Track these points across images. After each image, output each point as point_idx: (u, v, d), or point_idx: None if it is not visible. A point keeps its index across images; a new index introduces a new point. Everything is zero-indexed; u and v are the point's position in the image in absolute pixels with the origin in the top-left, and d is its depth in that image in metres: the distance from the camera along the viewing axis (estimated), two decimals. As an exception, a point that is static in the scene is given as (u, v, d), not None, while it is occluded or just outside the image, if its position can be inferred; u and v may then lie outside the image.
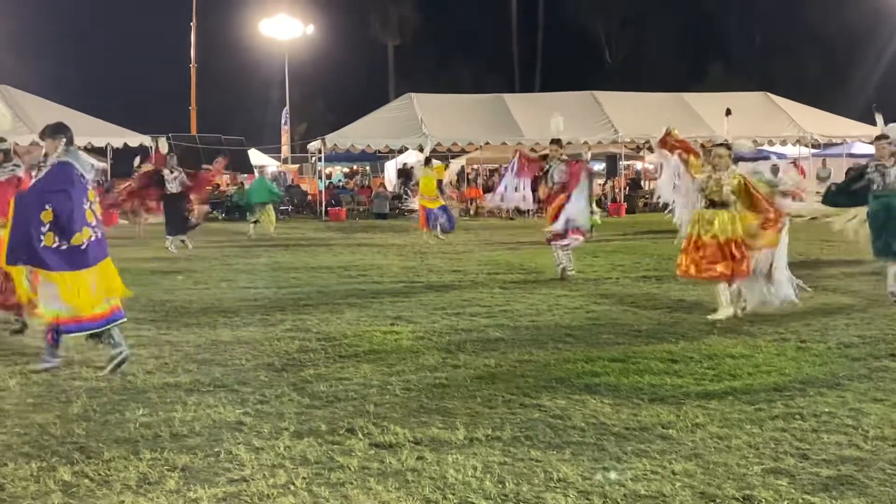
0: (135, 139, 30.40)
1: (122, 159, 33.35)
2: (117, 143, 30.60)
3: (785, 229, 8.69)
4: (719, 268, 8.54)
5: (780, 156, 39.26)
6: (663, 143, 9.25)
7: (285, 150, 43.18)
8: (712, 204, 8.70)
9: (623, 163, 35.37)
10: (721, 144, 8.98)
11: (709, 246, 8.60)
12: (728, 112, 9.87)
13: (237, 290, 11.34)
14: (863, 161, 26.26)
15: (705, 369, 6.48)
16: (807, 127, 32.90)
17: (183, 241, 17.27)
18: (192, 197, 17.44)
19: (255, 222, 22.34)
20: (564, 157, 12.47)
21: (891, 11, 43.72)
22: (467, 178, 36.65)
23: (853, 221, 10.44)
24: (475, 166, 38.10)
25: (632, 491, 4.09)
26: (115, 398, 5.84)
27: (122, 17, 55.64)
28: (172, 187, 17.00)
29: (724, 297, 8.71)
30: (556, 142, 12.51)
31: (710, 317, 8.57)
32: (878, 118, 10.49)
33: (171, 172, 17.07)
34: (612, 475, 4.27)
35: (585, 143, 27.88)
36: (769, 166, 25.93)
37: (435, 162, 21.86)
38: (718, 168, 8.77)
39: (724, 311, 8.62)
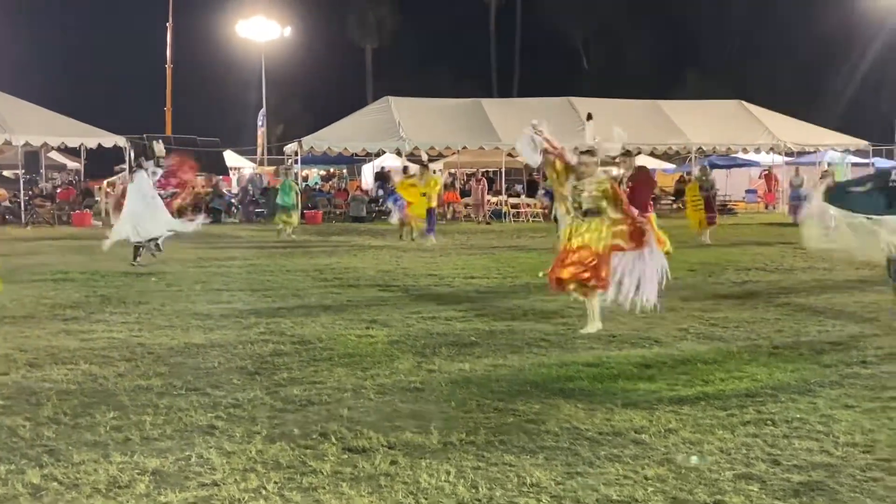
0: (109, 140, 30.15)
1: (96, 160, 33.16)
2: (91, 143, 30.33)
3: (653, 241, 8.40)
4: (581, 273, 8.15)
5: (754, 163, 39.65)
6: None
7: (261, 151, 43.01)
8: (583, 213, 8.30)
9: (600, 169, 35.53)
10: (586, 151, 8.53)
11: (574, 254, 8.21)
12: (589, 116, 9.38)
13: (211, 292, 11.28)
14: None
15: (678, 374, 6.51)
16: (780, 135, 33.22)
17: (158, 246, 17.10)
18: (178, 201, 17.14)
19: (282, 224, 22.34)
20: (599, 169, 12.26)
21: (865, 21, 44.21)
22: (444, 183, 36.63)
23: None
24: (452, 171, 38.13)
25: (604, 496, 4.10)
26: (85, 401, 5.79)
27: (97, 16, 55.29)
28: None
29: (594, 310, 8.34)
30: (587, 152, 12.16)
31: (581, 331, 8.25)
32: None
33: (151, 177, 16.79)
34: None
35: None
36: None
37: (433, 170, 21.74)
38: (584, 175, 8.37)
39: (594, 325, 8.29)
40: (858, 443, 4.86)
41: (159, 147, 17.73)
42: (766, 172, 39.37)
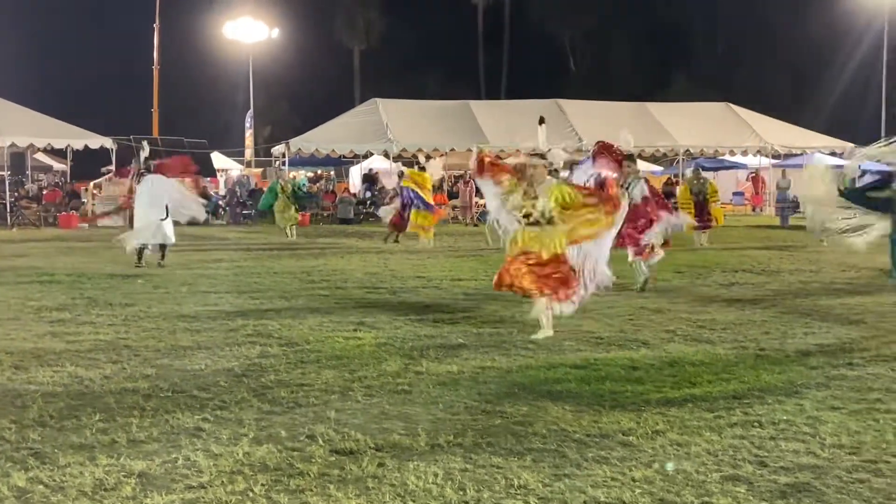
0: (95, 141, 30.05)
1: (82, 161, 33.05)
2: (77, 144, 30.25)
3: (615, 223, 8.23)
4: (528, 280, 7.94)
5: (741, 166, 39.81)
6: (480, 170, 8.38)
7: (249, 153, 42.93)
8: (531, 222, 8.00)
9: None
10: (535, 155, 8.21)
11: (524, 262, 7.95)
12: (542, 121, 8.99)
13: (198, 294, 11.24)
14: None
15: (665, 377, 6.53)
16: (767, 137, 33.38)
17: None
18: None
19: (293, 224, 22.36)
20: (642, 174, 11.92)
21: (853, 24, 44.46)
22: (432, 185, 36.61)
23: (870, 237, 9.35)
24: (442, 172, 38.11)
25: (592, 497, 4.10)
26: (71, 403, 5.76)
27: (84, 17, 55.08)
28: None
29: (544, 317, 8.11)
30: (629, 157, 11.68)
31: (532, 336, 8.00)
32: None
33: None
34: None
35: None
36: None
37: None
38: (535, 181, 8.03)
39: (545, 332, 8.04)
40: (845, 444, 4.88)
41: (145, 148, 17.64)
42: (754, 175, 39.56)
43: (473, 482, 4.29)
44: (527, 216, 8.00)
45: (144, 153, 16.30)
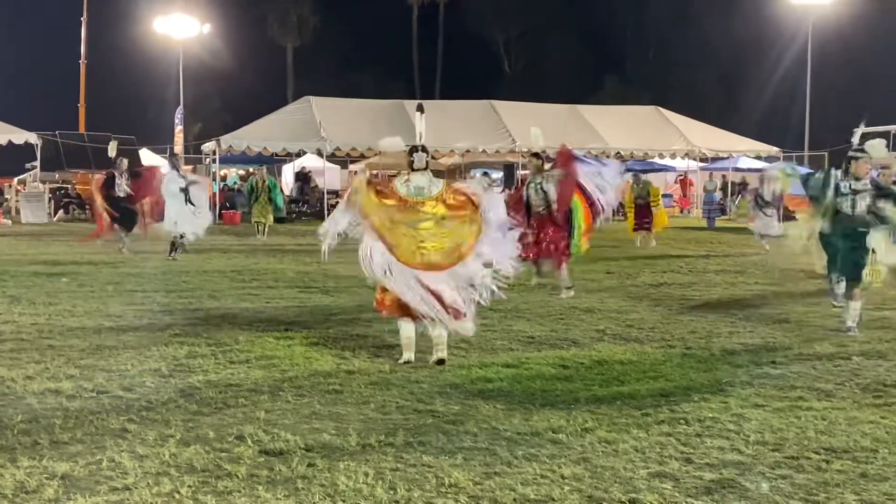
0: (19, 136, 29.30)
1: (6, 157, 32.17)
2: (1, 139, 29.43)
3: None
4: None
5: (670, 168, 40.51)
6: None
7: (178, 150, 42.22)
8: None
9: (520, 172, 35.85)
10: (415, 148, 7.55)
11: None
12: (419, 108, 8.50)
13: (124, 293, 11.02)
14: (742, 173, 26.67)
15: (595, 375, 6.60)
16: (695, 141, 33.98)
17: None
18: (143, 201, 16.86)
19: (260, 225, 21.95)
20: (556, 172, 11.20)
21: (780, 31, 45.50)
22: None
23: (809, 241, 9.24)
24: (375, 172, 38.03)
25: (521, 495, 4.13)
26: (-9, 404, 5.60)
27: (9, 9, 53.62)
28: (120, 191, 16.58)
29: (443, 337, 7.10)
30: (535, 155, 11.62)
31: (431, 359, 7.00)
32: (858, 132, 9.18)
33: (121, 177, 16.68)
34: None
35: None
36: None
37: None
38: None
39: (442, 353, 7.02)
40: (768, 441, 4.99)
41: (112, 148, 17.44)
42: (682, 177, 40.26)
43: (404, 481, 4.28)
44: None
45: (111, 151, 16.54)
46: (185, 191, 15.33)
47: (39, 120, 32.91)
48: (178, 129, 42.02)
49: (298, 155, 35.55)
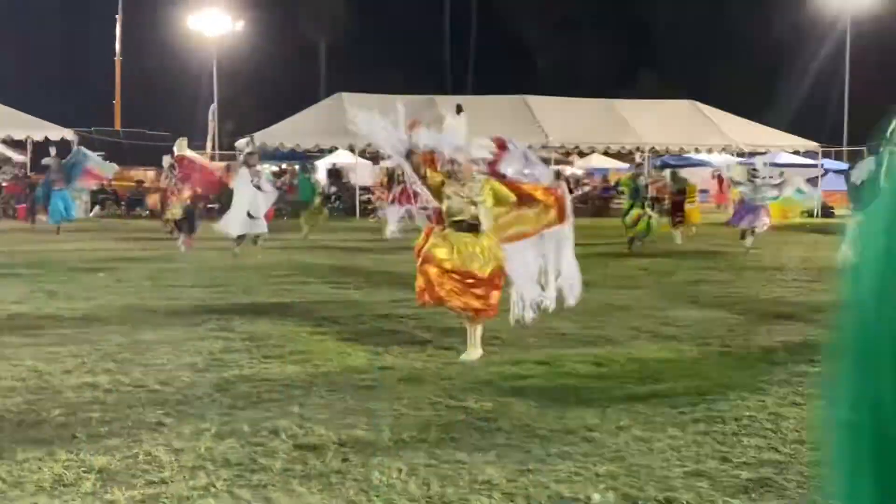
0: (56, 132, 29.63)
1: (43, 153, 32.56)
2: (38, 136, 29.79)
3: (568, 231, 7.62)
4: (462, 300, 7.07)
5: (706, 163, 40.13)
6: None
7: (211, 146, 42.53)
8: (458, 225, 7.07)
9: (553, 168, 35.77)
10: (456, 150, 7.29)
11: (449, 274, 7.01)
12: (459, 109, 8.29)
13: (160, 288, 11.12)
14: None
15: (630, 373, 6.56)
16: (733, 136, 33.65)
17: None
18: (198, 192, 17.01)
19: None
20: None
21: (817, 24, 44.96)
22: (398, 179, 36.57)
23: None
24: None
25: (555, 492, 4.11)
26: (30, 398, 5.66)
27: (46, 7, 54.26)
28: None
29: (476, 336, 7.20)
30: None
31: (461, 357, 7.08)
32: None
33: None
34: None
35: None
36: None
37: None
38: (459, 179, 7.09)
39: (474, 352, 7.10)
40: (806, 440, 4.92)
41: (181, 145, 17.48)
42: (718, 173, 39.89)
43: (437, 478, 4.28)
44: (451, 216, 7.09)
45: (179, 150, 16.71)
46: (257, 188, 15.25)
47: (75, 116, 33.23)
48: (212, 125, 42.33)
49: (330, 151, 35.66)
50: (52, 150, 21.57)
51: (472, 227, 7.04)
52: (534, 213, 7.41)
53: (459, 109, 8.15)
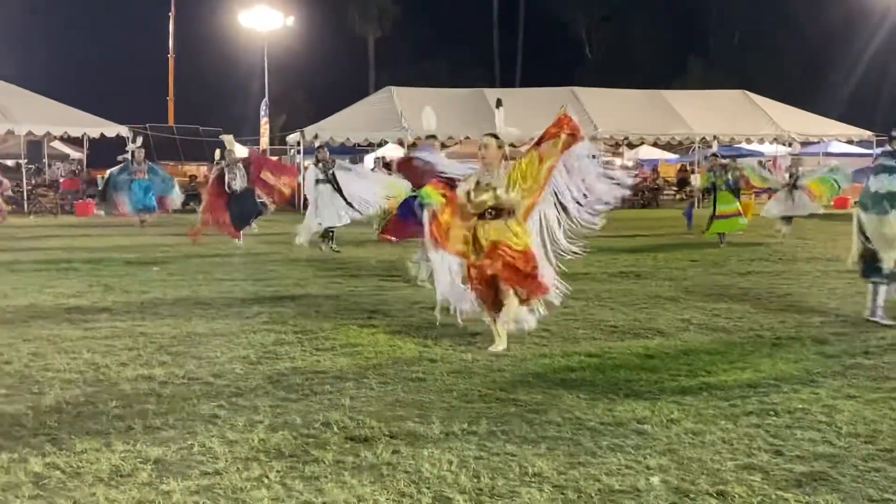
0: (111, 129, 30.15)
1: (98, 149, 33.16)
2: (94, 132, 30.37)
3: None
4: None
5: (757, 153, 39.56)
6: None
7: (264, 142, 42.95)
8: (491, 213, 6.97)
9: (602, 159, 35.44)
10: (489, 134, 7.26)
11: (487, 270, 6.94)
12: (499, 103, 8.25)
13: (213, 282, 11.28)
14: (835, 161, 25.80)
15: (681, 365, 6.51)
16: (784, 125, 33.13)
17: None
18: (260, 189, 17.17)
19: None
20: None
21: (869, 11, 44.05)
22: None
23: None
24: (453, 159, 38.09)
25: (606, 485, 4.10)
26: (88, 390, 5.79)
27: (100, 5, 55.19)
28: (236, 185, 16.52)
29: (498, 327, 7.11)
30: (431, 138, 10.85)
31: (490, 349, 7.03)
32: None
33: (233, 171, 16.62)
34: None
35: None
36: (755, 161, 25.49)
37: None
38: (489, 165, 7.04)
39: (501, 344, 7.07)
40: (861, 433, 4.86)
41: (230, 141, 17.66)
42: (770, 163, 39.30)
43: (488, 469, 4.29)
44: (481, 205, 6.96)
45: (229, 144, 16.85)
46: (329, 181, 15.23)
47: (130, 113, 33.75)
48: (264, 120, 42.75)
49: (380, 145, 35.81)
50: (139, 140, 21.67)
51: (499, 213, 6.94)
52: (551, 144, 7.13)
53: (499, 104, 8.12)
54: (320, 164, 15.63)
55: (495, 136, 7.22)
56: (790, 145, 34.15)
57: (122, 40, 52.58)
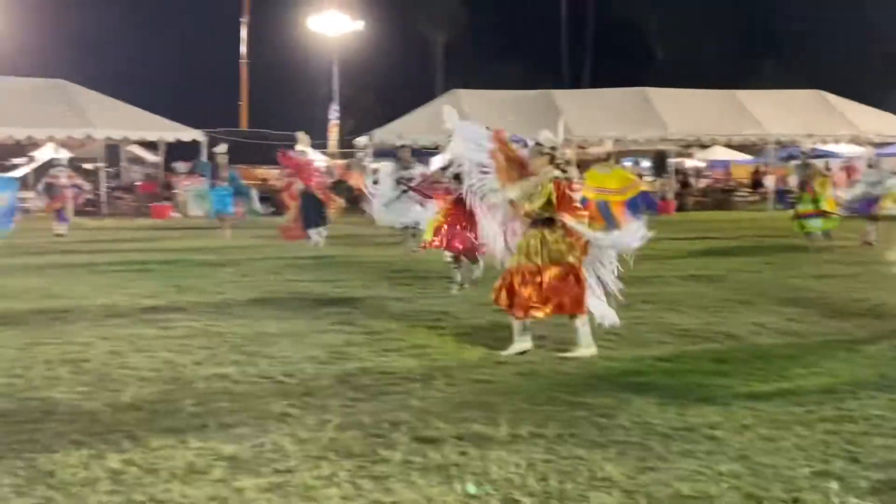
0: (187, 134, 30.77)
1: (174, 154, 33.87)
2: (169, 137, 31.04)
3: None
4: (545, 310, 6.93)
5: (833, 155, 38.64)
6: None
7: (332, 144, 43.39)
8: (534, 222, 6.95)
9: (672, 160, 34.96)
10: (536, 144, 7.11)
11: (533, 278, 6.89)
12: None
13: (284, 283, 11.44)
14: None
15: (753, 370, 6.40)
16: (862, 126, 32.32)
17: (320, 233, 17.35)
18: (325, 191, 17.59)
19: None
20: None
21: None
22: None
23: None
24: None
25: (677, 491, 4.05)
26: (164, 388, 5.93)
27: (174, 12, 56.37)
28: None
29: (517, 327, 7.02)
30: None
31: (502, 353, 6.96)
32: None
33: None
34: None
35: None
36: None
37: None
38: (534, 173, 6.94)
39: (521, 345, 6.99)
40: (942, 442, 4.72)
41: (304, 139, 18.04)
42: (848, 165, 38.36)
43: (556, 473, 4.27)
44: (528, 213, 6.94)
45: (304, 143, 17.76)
46: (400, 181, 15.22)
47: (204, 118, 34.37)
48: (333, 124, 43.20)
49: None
50: (224, 146, 21.92)
51: (543, 221, 6.89)
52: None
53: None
54: (400, 163, 15.63)
55: (538, 144, 7.08)
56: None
57: (197, 46, 53.60)
